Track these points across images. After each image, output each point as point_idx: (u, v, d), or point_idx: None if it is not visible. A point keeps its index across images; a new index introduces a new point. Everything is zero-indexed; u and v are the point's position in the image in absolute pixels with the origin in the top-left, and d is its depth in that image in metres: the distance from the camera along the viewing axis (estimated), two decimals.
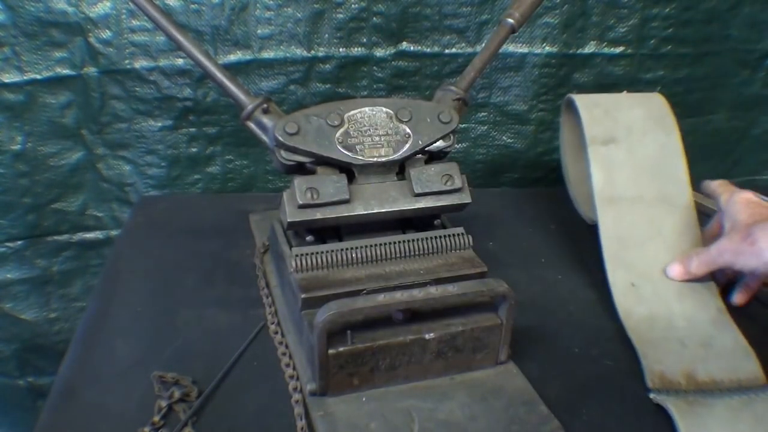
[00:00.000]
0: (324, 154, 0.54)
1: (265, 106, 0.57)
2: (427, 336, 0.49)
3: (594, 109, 0.68)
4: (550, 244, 0.76)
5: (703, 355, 0.55)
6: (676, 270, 0.62)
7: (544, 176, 0.97)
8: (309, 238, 0.56)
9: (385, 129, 0.55)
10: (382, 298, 0.47)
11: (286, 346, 0.55)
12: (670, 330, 0.58)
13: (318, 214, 0.53)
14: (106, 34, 0.78)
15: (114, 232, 0.92)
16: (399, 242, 0.55)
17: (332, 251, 0.54)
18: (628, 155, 0.66)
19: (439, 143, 0.57)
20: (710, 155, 1.01)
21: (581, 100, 0.69)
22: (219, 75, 0.58)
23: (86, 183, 0.88)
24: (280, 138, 0.53)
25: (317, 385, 0.48)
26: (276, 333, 0.57)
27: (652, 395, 0.52)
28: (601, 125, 0.67)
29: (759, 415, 0.49)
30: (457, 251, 0.57)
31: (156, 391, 0.50)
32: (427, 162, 0.57)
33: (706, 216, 0.68)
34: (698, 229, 0.65)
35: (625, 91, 0.71)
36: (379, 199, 0.55)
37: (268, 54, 0.82)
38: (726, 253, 0.58)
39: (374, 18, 0.81)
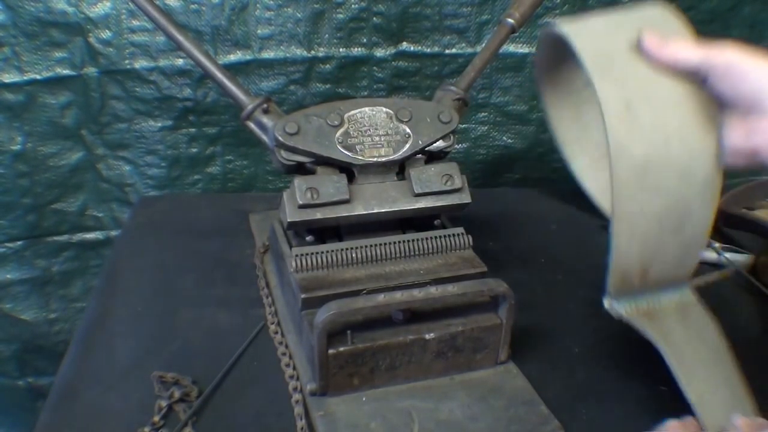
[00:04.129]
0: (324, 154, 0.54)
1: (265, 106, 0.57)
2: (427, 336, 0.49)
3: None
4: (550, 244, 0.76)
5: (668, 244, 0.48)
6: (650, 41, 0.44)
7: (544, 176, 0.96)
8: (309, 238, 0.56)
9: (385, 129, 0.55)
10: (382, 298, 0.47)
11: (286, 346, 0.55)
12: (656, 190, 0.46)
13: (318, 214, 0.53)
14: (106, 34, 0.78)
15: (114, 233, 0.92)
16: (399, 242, 0.55)
17: (332, 251, 0.54)
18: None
19: (439, 143, 0.57)
20: None
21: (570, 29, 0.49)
22: (219, 75, 0.58)
23: (86, 183, 0.88)
24: (280, 138, 0.53)
25: (317, 385, 0.48)
26: (276, 333, 0.57)
27: (606, 302, 0.49)
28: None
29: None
30: (457, 251, 0.57)
31: (156, 391, 0.50)
32: (427, 162, 0.57)
33: None
34: None
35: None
36: (379, 199, 0.55)
37: (268, 54, 0.82)
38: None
39: (374, 18, 0.81)
